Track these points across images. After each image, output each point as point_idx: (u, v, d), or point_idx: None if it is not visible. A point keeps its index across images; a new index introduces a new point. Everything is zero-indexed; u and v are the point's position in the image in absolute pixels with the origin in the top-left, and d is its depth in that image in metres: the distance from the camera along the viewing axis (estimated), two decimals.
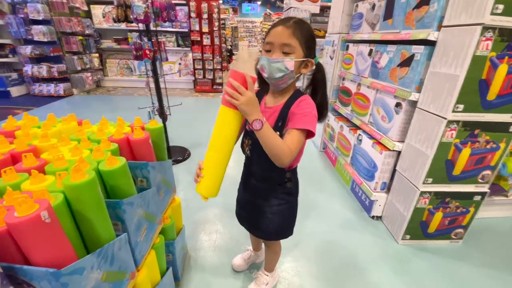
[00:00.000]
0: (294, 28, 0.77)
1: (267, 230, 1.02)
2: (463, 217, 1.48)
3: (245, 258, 1.37)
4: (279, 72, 0.80)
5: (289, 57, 0.79)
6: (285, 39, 0.78)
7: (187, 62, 5.53)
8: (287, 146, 0.77)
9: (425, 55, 1.33)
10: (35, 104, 4.28)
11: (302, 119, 0.79)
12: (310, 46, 0.82)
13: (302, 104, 0.83)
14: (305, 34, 0.79)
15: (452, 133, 1.24)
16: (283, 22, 0.79)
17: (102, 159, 0.77)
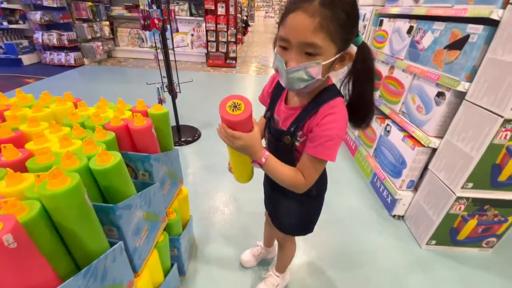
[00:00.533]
0: (323, 17, 0.51)
1: (286, 224, 0.95)
2: (499, 226, 1.32)
3: (254, 254, 1.28)
4: (301, 83, 0.60)
5: (314, 61, 0.56)
6: (307, 37, 0.54)
7: (200, 33, 5.24)
8: (300, 176, 0.67)
9: (483, 37, 1.10)
10: (45, 73, 4.20)
11: (321, 145, 0.62)
12: (349, 31, 0.57)
13: (327, 121, 0.62)
14: (340, 18, 0.53)
15: (507, 134, 1.05)
16: (303, 2, 0.53)
17: (94, 153, 0.65)
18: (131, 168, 0.85)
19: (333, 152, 0.63)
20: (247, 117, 0.59)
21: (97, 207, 0.60)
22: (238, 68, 5.27)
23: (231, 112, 0.59)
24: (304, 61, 0.57)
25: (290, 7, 0.55)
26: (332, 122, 0.62)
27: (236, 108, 0.59)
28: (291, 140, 0.70)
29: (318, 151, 0.63)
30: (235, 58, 5.27)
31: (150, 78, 2.81)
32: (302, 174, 0.67)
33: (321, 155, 0.63)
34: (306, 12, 0.52)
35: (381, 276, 1.28)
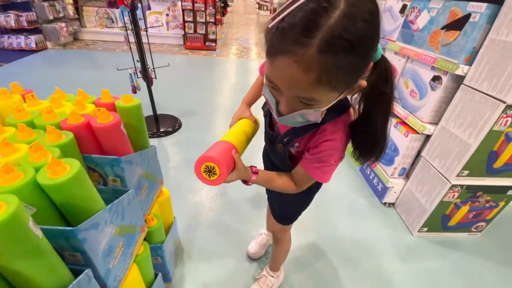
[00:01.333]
0: (322, 70, 0.38)
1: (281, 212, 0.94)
2: (490, 211, 1.33)
3: (260, 244, 1.24)
4: (296, 123, 0.54)
5: (312, 108, 0.46)
6: (303, 93, 0.43)
7: (176, 13, 4.87)
8: (290, 183, 0.67)
9: (486, 16, 1.02)
10: (5, 59, 3.74)
11: (318, 169, 0.59)
12: (360, 68, 0.43)
13: (326, 147, 0.57)
14: (344, 63, 0.38)
15: (508, 120, 1.00)
16: (295, 45, 0.38)
17: (43, 161, 0.51)
18: (98, 174, 0.71)
19: (328, 176, 0.62)
20: (224, 177, 0.56)
21: (54, 232, 0.48)
22: (219, 51, 5.01)
23: (208, 177, 0.56)
24: (300, 108, 0.47)
25: (279, 46, 0.40)
26: (333, 150, 0.57)
27: (212, 173, 0.56)
28: (283, 149, 0.67)
29: (315, 173, 0.60)
30: (215, 40, 5.00)
31: (122, 63, 2.56)
32: (294, 180, 0.67)
33: (317, 177, 0.61)
34: (300, 63, 0.38)
35: (373, 264, 1.25)
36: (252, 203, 1.55)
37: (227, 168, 0.56)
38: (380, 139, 0.55)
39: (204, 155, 0.56)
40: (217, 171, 0.55)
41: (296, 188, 0.67)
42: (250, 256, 1.23)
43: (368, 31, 0.39)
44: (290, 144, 0.65)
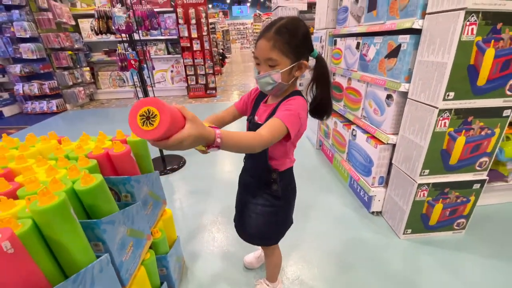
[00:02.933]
0: (275, 40, 0.75)
1: (250, 231, 1.01)
2: (464, 206, 1.44)
3: (256, 257, 1.36)
4: (268, 86, 0.81)
5: (274, 70, 0.78)
6: (267, 54, 0.77)
7: (179, 69, 5.51)
8: (258, 134, 0.68)
9: (412, 44, 1.30)
10: (28, 122, 4.26)
11: (283, 112, 0.77)
12: (298, 49, 0.78)
13: (289, 102, 0.82)
14: (288, 40, 0.76)
15: (445, 122, 1.21)
16: (264, 32, 0.77)
17: (78, 177, 0.74)
18: (114, 192, 0.93)
19: (290, 122, 0.74)
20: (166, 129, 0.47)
21: (83, 224, 0.68)
22: (219, 97, 5.50)
23: (144, 127, 0.47)
24: (269, 70, 0.79)
25: (258, 36, 0.80)
26: (292, 103, 0.81)
27: (149, 122, 0.47)
28: None
29: (281, 115, 0.75)
30: (215, 88, 5.52)
31: None
32: (261, 132, 0.69)
33: (284, 119, 0.73)
34: (266, 38, 0.76)
35: (366, 271, 1.34)
36: None
37: (170, 114, 0.47)
38: (329, 103, 0.88)
39: (142, 100, 0.48)
40: (156, 112, 0.46)
41: (268, 137, 0.68)
42: (245, 265, 1.35)
43: (300, 30, 0.77)
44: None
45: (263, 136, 0.68)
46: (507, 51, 1.11)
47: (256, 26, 12.86)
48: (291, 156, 0.93)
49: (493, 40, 1.09)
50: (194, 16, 4.78)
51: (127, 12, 1.83)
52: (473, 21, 1.04)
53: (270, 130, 0.70)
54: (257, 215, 0.97)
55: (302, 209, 1.80)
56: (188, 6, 4.76)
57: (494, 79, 1.16)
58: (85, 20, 5.05)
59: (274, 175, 0.91)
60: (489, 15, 1.04)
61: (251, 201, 0.98)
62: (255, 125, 0.90)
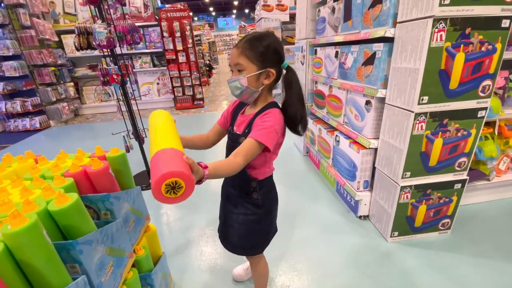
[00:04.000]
0: (243, 48, 0.82)
1: (233, 241, 1.01)
2: (447, 206, 1.48)
3: (244, 269, 1.34)
4: (237, 90, 0.86)
5: (242, 74, 0.83)
6: (235, 59, 0.84)
7: (165, 81, 5.51)
8: (233, 161, 0.76)
9: (386, 52, 1.35)
10: (10, 140, 4.12)
11: (259, 131, 0.80)
12: (265, 57, 0.83)
13: (265, 117, 0.84)
14: (256, 49, 0.82)
15: (422, 125, 1.25)
16: (238, 43, 0.85)
17: (52, 197, 0.72)
18: (93, 210, 0.91)
19: (267, 138, 0.79)
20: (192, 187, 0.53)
21: (58, 245, 0.66)
22: (207, 107, 5.51)
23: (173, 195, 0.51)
24: (237, 75, 0.84)
25: (234, 47, 0.86)
26: (267, 118, 0.83)
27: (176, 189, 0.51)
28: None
29: (256, 135, 0.79)
30: (202, 99, 5.53)
31: (117, 129, 2.88)
32: (236, 155, 0.76)
33: (256, 136, 0.79)
34: (236, 47, 0.84)
35: (355, 275, 1.34)
36: None
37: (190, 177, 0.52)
38: (299, 116, 0.86)
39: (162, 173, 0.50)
40: (183, 184, 0.51)
41: (242, 160, 0.76)
42: (234, 278, 1.33)
43: (268, 40, 0.83)
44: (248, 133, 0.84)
45: (238, 163, 0.76)
46: (478, 55, 1.17)
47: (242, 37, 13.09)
48: (270, 165, 0.95)
49: (463, 44, 1.14)
50: (178, 29, 4.82)
51: (108, 28, 1.83)
52: (442, 28, 1.10)
53: (244, 154, 0.77)
54: (239, 224, 0.97)
55: (290, 216, 1.79)
56: (172, 19, 4.81)
57: (466, 82, 1.21)
58: (68, 36, 5.00)
59: (254, 183, 0.92)
60: (457, 21, 1.10)
61: (233, 211, 0.98)
62: (234, 135, 0.93)
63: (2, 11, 4.04)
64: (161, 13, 4.78)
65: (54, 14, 4.95)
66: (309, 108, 2.47)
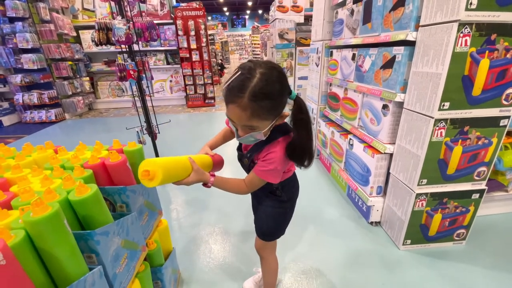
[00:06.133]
0: (252, 109, 0.69)
1: (261, 228, 1.06)
2: (463, 216, 1.43)
3: (256, 281, 1.31)
4: (251, 141, 0.82)
5: (256, 131, 0.76)
6: (244, 122, 0.73)
7: (178, 79, 5.57)
8: (244, 184, 0.87)
9: (406, 56, 1.32)
10: (26, 131, 4.25)
11: (262, 171, 0.83)
12: (278, 107, 0.75)
13: (269, 157, 0.82)
14: (267, 104, 0.70)
15: (441, 131, 1.22)
16: (236, 98, 0.69)
17: (73, 188, 0.73)
18: (109, 202, 0.92)
19: (270, 178, 0.84)
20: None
21: (77, 235, 0.67)
22: (218, 106, 5.54)
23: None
24: (249, 132, 0.77)
25: (228, 99, 0.72)
26: (272, 159, 0.81)
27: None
28: (248, 162, 0.92)
29: (260, 173, 0.83)
30: (213, 98, 5.56)
31: (130, 124, 2.93)
32: (245, 183, 0.87)
33: (262, 176, 0.84)
34: (240, 107, 0.70)
35: (362, 279, 1.32)
36: (252, 239, 1.67)
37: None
38: (307, 151, 0.81)
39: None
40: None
41: (247, 189, 0.87)
42: None
43: (275, 86, 0.70)
44: (251, 158, 0.90)
45: (244, 190, 0.88)
46: (502, 62, 1.13)
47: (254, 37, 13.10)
48: (289, 169, 0.98)
49: (488, 51, 1.11)
50: (193, 28, 4.87)
51: (127, 24, 1.86)
52: (467, 33, 1.07)
53: (250, 184, 0.86)
54: (267, 216, 1.03)
55: (300, 218, 1.78)
56: (187, 18, 4.86)
57: (490, 89, 1.17)
58: (86, 31, 5.12)
59: (275, 184, 0.93)
60: (483, 26, 1.07)
61: (262, 203, 1.03)
62: (239, 153, 0.97)
63: (22, 4, 4.16)
64: (177, 12, 4.84)
65: (73, 10, 5.07)
66: (322, 110, 2.45)
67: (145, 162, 0.72)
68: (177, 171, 0.76)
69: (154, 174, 0.71)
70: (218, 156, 1.03)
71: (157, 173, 0.70)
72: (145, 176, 0.71)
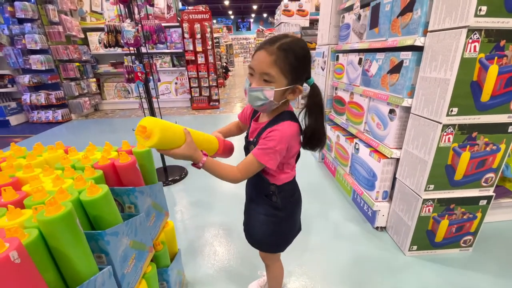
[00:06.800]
0: (277, 56, 0.71)
1: (255, 237, 1.01)
2: (471, 223, 1.42)
3: (261, 285, 1.30)
4: (258, 101, 0.77)
5: (269, 86, 0.74)
6: (265, 68, 0.73)
7: (183, 81, 5.61)
8: (233, 171, 0.80)
9: (414, 61, 1.32)
10: (33, 131, 4.30)
11: (260, 150, 0.79)
12: (298, 72, 0.76)
13: (271, 134, 0.79)
14: (290, 61, 0.72)
15: (449, 137, 1.21)
16: (267, 45, 0.73)
17: (84, 188, 0.74)
18: (118, 202, 0.93)
19: (267, 159, 0.78)
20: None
21: (88, 234, 0.68)
22: (222, 109, 5.56)
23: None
24: (262, 84, 0.75)
25: (259, 47, 0.76)
26: (272, 137, 0.78)
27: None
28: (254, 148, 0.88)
29: (258, 153, 0.79)
30: (218, 100, 5.59)
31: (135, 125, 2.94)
32: (239, 168, 0.81)
33: (258, 157, 0.79)
34: (267, 51, 0.73)
35: (369, 286, 1.31)
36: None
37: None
38: (322, 135, 0.84)
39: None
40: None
41: (240, 174, 0.80)
42: None
43: (301, 51, 0.75)
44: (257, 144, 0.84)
45: (237, 175, 0.80)
46: (511, 68, 1.13)
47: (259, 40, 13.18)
48: (289, 171, 0.92)
49: (497, 57, 1.11)
50: (199, 31, 4.91)
51: (136, 27, 1.88)
52: (476, 39, 1.07)
53: (244, 169, 0.81)
54: (261, 224, 0.97)
55: (304, 222, 1.75)
56: (193, 21, 4.91)
57: (498, 95, 1.17)
58: (93, 33, 5.19)
59: (273, 187, 0.90)
60: (492, 32, 1.07)
61: (255, 209, 0.99)
62: (246, 141, 0.94)
63: (32, 6, 4.24)
64: (183, 15, 4.89)
65: (82, 12, 5.15)
66: (327, 114, 2.45)
67: (146, 119, 0.68)
68: (173, 138, 0.72)
69: (151, 133, 0.66)
70: (228, 141, 0.98)
71: (154, 133, 0.66)
72: (140, 132, 0.67)
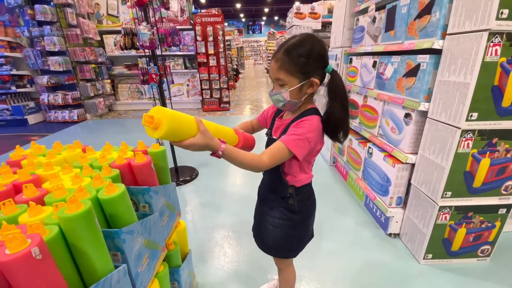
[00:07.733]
0: (282, 61, 0.77)
1: (267, 242, 1.00)
2: (489, 232, 1.37)
3: None
4: (279, 102, 0.84)
5: (283, 88, 0.80)
6: (275, 74, 0.80)
7: (195, 83, 5.67)
8: (258, 156, 0.77)
9: (432, 64, 1.29)
10: (50, 130, 4.44)
11: (290, 136, 0.79)
12: (307, 67, 0.78)
13: (300, 124, 0.82)
14: (295, 61, 0.76)
15: (468, 143, 1.17)
16: (276, 53, 0.80)
17: (102, 186, 0.76)
18: (133, 201, 0.94)
19: (296, 146, 0.78)
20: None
21: (105, 232, 0.69)
22: (232, 111, 5.59)
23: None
24: (279, 88, 0.82)
25: (272, 56, 0.83)
26: (302, 125, 0.81)
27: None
28: None
29: (287, 140, 0.79)
30: (228, 102, 5.62)
31: None
32: (264, 153, 0.78)
33: (288, 143, 0.78)
34: (275, 58, 0.80)
35: None
36: None
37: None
38: (341, 123, 0.83)
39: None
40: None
41: (269, 161, 0.77)
42: None
43: (307, 47, 0.77)
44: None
45: (263, 160, 0.77)
46: None
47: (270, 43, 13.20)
48: (308, 172, 0.92)
49: None
50: (211, 34, 4.97)
51: (152, 30, 1.92)
52: (497, 42, 1.03)
53: (271, 155, 0.78)
54: (274, 227, 0.96)
55: (316, 227, 1.74)
56: (206, 24, 4.97)
57: None
58: (109, 36, 5.33)
59: (291, 189, 0.91)
60: None
61: (268, 213, 0.97)
62: (270, 140, 0.92)
63: (51, 9, 4.40)
64: (196, 18, 4.96)
65: (98, 15, 5.30)
66: None
67: (154, 109, 0.65)
68: (184, 128, 0.68)
69: (159, 123, 0.62)
70: (249, 134, 0.96)
71: (162, 123, 0.62)
72: (148, 122, 0.63)
